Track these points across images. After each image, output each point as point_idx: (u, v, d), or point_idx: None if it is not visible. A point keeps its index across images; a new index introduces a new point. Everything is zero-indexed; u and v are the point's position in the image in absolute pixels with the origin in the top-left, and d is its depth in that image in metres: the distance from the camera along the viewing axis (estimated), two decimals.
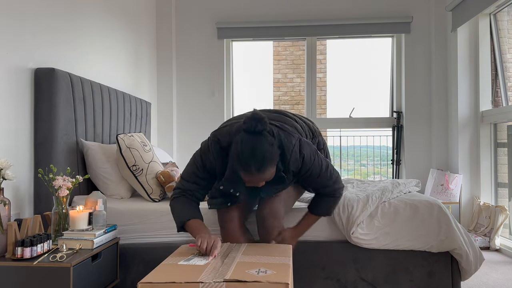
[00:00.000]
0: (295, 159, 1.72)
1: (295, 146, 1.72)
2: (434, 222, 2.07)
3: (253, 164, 1.54)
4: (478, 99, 3.85)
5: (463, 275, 2.11)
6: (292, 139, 1.73)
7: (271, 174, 1.62)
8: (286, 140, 1.71)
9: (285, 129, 1.78)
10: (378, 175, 6.29)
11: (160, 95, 4.33)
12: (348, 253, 2.09)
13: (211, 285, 1.21)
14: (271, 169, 1.60)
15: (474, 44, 3.87)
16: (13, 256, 1.64)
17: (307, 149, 1.76)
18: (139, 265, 2.13)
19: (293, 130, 1.82)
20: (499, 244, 3.41)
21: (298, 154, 1.72)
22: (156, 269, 1.34)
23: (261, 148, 1.55)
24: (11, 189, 2.03)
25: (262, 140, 1.56)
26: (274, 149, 1.59)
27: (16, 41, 2.09)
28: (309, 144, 1.78)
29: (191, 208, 1.74)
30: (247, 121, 1.58)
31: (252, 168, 1.54)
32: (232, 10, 4.37)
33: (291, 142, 1.71)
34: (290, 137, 1.74)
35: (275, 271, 1.31)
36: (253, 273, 1.28)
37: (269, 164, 1.56)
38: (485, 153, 3.81)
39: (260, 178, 1.59)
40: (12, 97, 2.06)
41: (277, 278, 1.24)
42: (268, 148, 1.56)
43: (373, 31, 4.26)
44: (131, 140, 2.46)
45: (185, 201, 1.75)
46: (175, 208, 1.75)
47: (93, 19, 2.92)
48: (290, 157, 1.70)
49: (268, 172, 1.58)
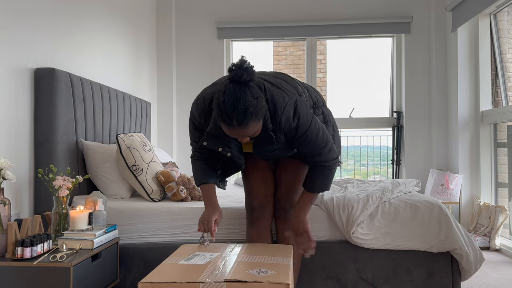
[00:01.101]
0: (287, 118, 1.58)
1: (288, 104, 1.59)
2: (434, 222, 2.07)
3: (235, 117, 1.42)
4: (478, 99, 3.85)
5: (463, 275, 2.11)
6: (286, 97, 1.60)
7: (255, 130, 1.50)
8: (278, 97, 1.59)
9: (279, 87, 1.65)
10: (378, 175, 6.29)
11: (160, 95, 4.33)
12: (348, 253, 2.09)
13: (212, 285, 1.21)
14: (255, 125, 1.47)
15: (474, 44, 3.87)
16: (13, 256, 1.64)
17: (304, 110, 1.62)
18: (139, 265, 2.13)
19: (291, 89, 1.68)
20: (499, 244, 3.41)
21: (292, 114, 1.59)
22: (156, 269, 1.34)
23: (245, 100, 1.43)
24: (11, 189, 2.03)
25: (246, 92, 1.44)
26: (260, 104, 1.47)
27: (16, 41, 2.09)
28: (306, 105, 1.65)
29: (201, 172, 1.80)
30: (232, 69, 1.46)
31: (234, 121, 1.43)
32: (232, 10, 4.37)
33: (283, 99, 1.59)
34: (283, 94, 1.61)
35: (275, 271, 1.30)
36: (253, 273, 1.28)
37: (252, 118, 1.44)
38: (485, 153, 3.81)
39: (242, 133, 1.48)
40: (12, 97, 2.06)
41: (278, 279, 1.24)
42: (252, 101, 1.44)
43: (373, 31, 4.26)
44: (131, 140, 2.46)
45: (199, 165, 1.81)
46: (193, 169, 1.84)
47: (93, 19, 2.92)
48: (281, 116, 1.57)
49: (251, 127, 1.46)
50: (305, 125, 1.61)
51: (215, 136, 1.66)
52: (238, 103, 1.42)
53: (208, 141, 1.67)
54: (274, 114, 1.57)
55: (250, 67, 1.47)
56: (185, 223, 2.15)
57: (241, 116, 1.42)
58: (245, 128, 1.46)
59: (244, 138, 1.55)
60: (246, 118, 1.43)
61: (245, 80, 1.45)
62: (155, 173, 2.45)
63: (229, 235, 2.12)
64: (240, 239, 2.12)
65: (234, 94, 1.43)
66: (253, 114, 1.44)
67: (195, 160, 1.83)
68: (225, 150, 1.69)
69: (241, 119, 1.43)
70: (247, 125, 1.44)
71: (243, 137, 1.51)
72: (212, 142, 1.67)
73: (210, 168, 1.82)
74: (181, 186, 2.39)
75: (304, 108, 1.62)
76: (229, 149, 1.69)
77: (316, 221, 2.11)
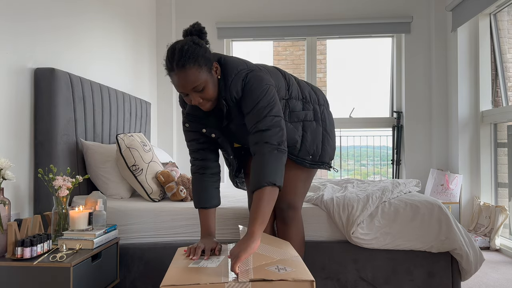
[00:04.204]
0: (236, 86, 1.56)
1: (241, 72, 1.58)
2: (434, 222, 2.07)
3: (175, 59, 1.46)
4: (478, 99, 3.85)
5: (463, 275, 2.11)
6: (241, 66, 1.60)
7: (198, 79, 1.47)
8: (232, 65, 1.59)
9: (243, 59, 1.66)
10: (378, 175, 6.29)
11: (160, 95, 4.33)
12: (348, 253, 2.09)
13: (237, 285, 1.18)
14: (195, 70, 1.46)
15: (474, 44, 3.87)
16: (13, 256, 1.64)
17: (255, 77, 1.57)
18: (139, 265, 2.13)
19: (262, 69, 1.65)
20: (499, 244, 3.41)
21: (241, 80, 1.57)
22: (169, 272, 1.29)
23: (183, 42, 1.49)
24: (11, 189, 2.03)
25: (187, 39, 1.52)
26: (200, 50, 1.49)
27: (16, 41, 2.09)
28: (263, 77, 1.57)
29: (200, 191, 1.70)
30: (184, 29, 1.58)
31: (174, 64, 1.46)
32: (232, 10, 4.36)
33: (237, 67, 1.58)
34: (241, 65, 1.61)
35: (293, 268, 1.29)
36: (274, 271, 1.26)
37: (190, 61, 1.45)
38: (485, 153, 3.81)
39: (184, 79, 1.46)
40: (12, 97, 2.06)
41: (301, 275, 1.22)
42: (191, 44, 1.48)
43: (373, 31, 4.26)
44: (131, 140, 2.46)
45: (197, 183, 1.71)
46: (192, 187, 1.76)
47: (93, 19, 2.92)
48: (231, 82, 1.56)
49: (191, 71, 1.45)
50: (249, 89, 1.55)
51: (195, 116, 1.67)
52: (176, 44, 1.49)
53: (189, 123, 1.68)
54: (226, 81, 1.57)
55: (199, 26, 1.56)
56: (185, 223, 2.15)
57: (178, 55, 1.45)
58: (183, 72, 1.45)
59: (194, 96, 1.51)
60: (183, 57, 1.44)
61: (190, 32, 1.55)
62: (155, 173, 2.45)
63: (229, 235, 2.12)
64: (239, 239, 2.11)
65: (176, 41, 1.52)
66: (191, 55, 1.45)
67: (194, 173, 1.74)
68: (208, 131, 1.68)
69: (178, 58, 1.45)
70: (185, 66, 1.45)
71: (187, 87, 1.48)
72: (193, 124, 1.68)
73: (210, 185, 1.72)
74: (181, 186, 2.39)
75: (256, 77, 1.56)
76: (210, 129, 1.68)
77: (316, 221, 2.11)
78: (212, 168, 1.73)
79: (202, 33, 1.56)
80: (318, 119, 1.84)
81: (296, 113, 1.77)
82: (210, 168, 1.73)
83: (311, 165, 1.82)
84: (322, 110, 1.88)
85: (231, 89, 1.56)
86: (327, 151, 1.85)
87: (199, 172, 1.72)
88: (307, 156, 1.80)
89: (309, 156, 1.80)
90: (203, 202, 1.69)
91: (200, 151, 1.72)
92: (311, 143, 1.80)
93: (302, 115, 1.79)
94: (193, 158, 1.74)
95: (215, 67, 1.55)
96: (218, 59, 1.61)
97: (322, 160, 1.84)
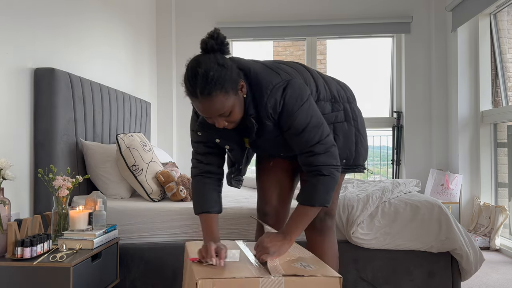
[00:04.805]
0: (275, 101, 1.40)
1: (277, 86, 1.41)
2: (434, 222, 2.07)
3: (197, 84, 1.28)
4: (478, 99, 3.85)
5: (463, 275, 2.11)
6: (276, 79, 1.43)
7: (224, 106, 1.32)
8: (265, 78, 1.42)
9: (274, 69, 1.48)
10: (378, 175, 6.29)
11: (160, 95, 4.33)
12: (348, 253, 2.09)
13: (271, 280, 1.19)
14: (222, 98, 1.31)
15: (474, 44, 3.86)
16: (13, 256, 1.64)
17: (295, 91, 1.42)
18: (139, 265, 2.13)
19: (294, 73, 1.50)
20: (499, 244, 3.41)
21: (280, 95, 1.41)
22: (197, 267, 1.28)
23: (206, 64, 1.30)
24: (11, 189, 2.03)
25: (210, 58, 1.32)
26: (227, 74, 1.31)
27: (15, 41, 2.09)
28: (302, 88, 1.45)
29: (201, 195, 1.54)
30: (202, 39, 1.36)
31: (197, 90, 1.29)
32: (232, 10, 4.36)
33: (271, 81, 1.41)
34: (274, 76, 1.44)
35: (316, 266, 1.31)
36: (301, 267, 1.28)
37: (216, 87, 1.28)
38: (485, 153, 3.81)
39: (209, 108, 1.31)
40: (12, 97, 2.06)
41: (328, 272, 1.25)
42: (215, 67, 1.30)
43: (373, 31, 4.26)
44: (131, 140, 2.46)
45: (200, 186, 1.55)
46: (192, 191, 1.59)
47: (93, 19, 2.92)
48: (266, 99, 1.40)
49: (217, 99, 1.30)
50: (291, 106, 1.41)
51: (210, 127, 1.49)
52: (199, 67, 1.29)
53: (203, 132, 1.52)
54: (259, 98, 1.41)
55: (221, 37, 1.35)
56: (185, 223, 2.15)
57: (203, 81, 1.28)
58: (209, 100, 1.29)
59: (219, 120, 1.37)
60: (208, 84, 1.27)
61: (211, 47, 1.34)
62: (155, 173, 2.45)
63: (230, 235, 2.12)
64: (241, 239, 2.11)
65: (196, 60, 1.33)
66: (217, 82, 1.28)
67: (196, 176, 1.58)
68: (222, 142, 1.53)
69: (203, 86, 1.28)
70: (211, 95, 1.28)
71: (213, 114, 1.34)
72: (207, 134, 1.51)
73: (212, 188, 1.57)
74: (181, 186, 2.39)
75: (296, 90, 1.43)
76: (225, 140, 1.53)
77: None
78: (217, 173, 1.59)
79: (224, 45, 1.37)
80: (349, 119, 1.67)
81: (325, 115, 1.59)
82: (215, 173, 1.58)
83: (345, 169, 1.66)
84: (352, 108, 1.71)
85: (266, 107, 1.41)
86: (361, 153, 1.70)
87: (203, 175, 1.57)
88: (341, 161, 1.62)
89: (343, 161, 1.64)
90: (206, 207, 1.53)
91: (207, 155, 1.57)
92: (343, 147, 1.63)
93: (332, 117, 1.62)
94: (197, 160, 1.58)
95: (240, 86, 1.38)
96: (245, 72, 1.44)
97: (356, 163, 1.68)
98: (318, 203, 1.43)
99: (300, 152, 1.46)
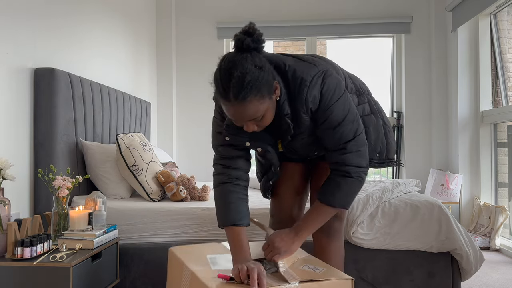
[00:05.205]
0: (315, 94, 1.31)
1: (316, 76, 1.31)
2: (434, 222, 2.07)
3: (231, 87, 1.18)
4: (478, 99, 3.85)
5: (463, 275, 2.11)
6: (313, 69, 1.32)
7: (259, 111, 1.23)
8: (302, 71, 1.31)
9: (308, 60, 1.37)
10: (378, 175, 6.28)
11: (160, 95, 4.33)
12: (348, 253, 2.09)
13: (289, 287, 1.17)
14: (257, 103, 1.21)
15: (474, 44, 3.86)
16: (13, 256, 1.64)
17: (333, 80, 1.33)
18: (139, 265, 2.13)
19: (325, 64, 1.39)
20: (499, 244, 3.41)
21: (319, 87, 1.31)
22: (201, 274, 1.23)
23: (243, 66, 1.19)
24: (11, 189, 2.03)
25: (246, 58, 1.21)
26: (264, 77, 1.21)
27: (15, 41, 2.09)
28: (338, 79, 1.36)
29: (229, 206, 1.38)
30: (236, 36, 1.24)
31: (230, 93, 1.18)
32: (232, 10, 4.36)
33: (309, 73, 1.31)
34: (311, 67, 1.33)
35: (323, 267, 1.31)
36: (310, 270, 1.27)
37: (252, 92, 1.18)
38: (485, 153, 3.81)
39: (242, 113, 1.21)
40: (11, 97, 2.06)
41: (339, 275, 1.25)
42: (253, 69, 1.19)
43: (373, 31, 4.26)
44: (131, 140, 2.46)
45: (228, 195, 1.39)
46: (217, 200, 1.42)
47: (93, 19, 2.92)
48: (307, 92, 1.29)
49: (251, 104, 1.20)
50: (329, 98, 1.31)
51: (237, 129, 1.37)
52: (234, 69, 1.18)
53: (231, 136, 1.38)
54: (298, 93, 1.31)
55: (258, 34, 1.24)
56: (185, 223, 2.15)
57: (238, 85, 1.17)
58: (243, 105, 1.19)
59: (249, 125, 1.27)
60: (244, 89, 1.17)
61: (247, 46, 1.22)
62: (154, 173, 2.45)
63: None
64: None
65: (231, 61, 1.21)
66: (253, 86, 1.18)
67: (223, 183, 1.41)
68: (253, 144, 1.40)
69: (237, 90, 1.17)
70: (245, 99, 1.18)
71: (244, 119, 1.24)
72: (235, 137, 1.38)
73: (241, 197, 1.41)
74: (180, 186, 2.39)
75: (334, 80, 1.33)
76: (256, 142, 1.40)
77: None
78: (245, 180, 1.45)
79: (261, 43, 1.26)
80: (375, 111, 1.60)
81: None
82: (243, 179, 1.44)
83: (380, 164, 1.59)
84: (374, 100, 1.64)
85: (307, 101, 1.31)
86: (392, 145, 1.63)
87: (231, 182, 1.40)
88: (375, 155, 1.57)
89: (376, 155, 1.57)
90: (236, 219, 1.36)
91: (235, 158, 1.42)
92: (376, 139, 1.56)
93: (360, 110, 1.55)
94: (223, 166, 1.43)
95: (275, 88, 1.28)
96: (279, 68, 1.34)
97: (389, 156, 1.62)
98: (338, 204, 1.37)
99: (331, 149, 1.38)
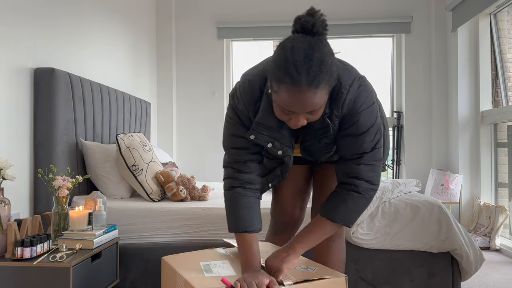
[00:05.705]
0: (352, 97, 1.23)
1: (355, 81, 1.24)
2: (434, 223, 2.07)
3: (305, 70, 1.05)
4: (478, 99, 3.85)
5: (463, 275, 2.11)
6: (352, 74, 1.26)
7: (322, 100, 1.12)
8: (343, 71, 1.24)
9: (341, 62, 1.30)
10: None
11: (160, 95, 4.33)
12: (348, 253, 2.08)
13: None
14: (325, 91, 1.11)
15: (474, 44, 3.86)
16: (13, 256, 1.64)
17: (367, 88, 1.27)
18: (139, 265, 2.13)
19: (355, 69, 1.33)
20: (499, 244, 3.41)
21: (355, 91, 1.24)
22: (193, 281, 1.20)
23: (321, 51, 1.08)
24: (11, 189, 2.03)
25: (322, 42, 1.11)
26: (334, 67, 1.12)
27: (15, 41, 2.09)
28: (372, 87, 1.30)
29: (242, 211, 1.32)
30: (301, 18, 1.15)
31: (303, 76, 1.06)
32: (232, 10, 4.36)
33: (349, 75, 1.24)
34: (349, 71, 1.26)
35: (315, 267, 1.32)
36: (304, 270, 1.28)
37: (325, 79, 1.08)
38: (485, 153, 3.81)
39: (307, 101, 1.09)
40: (11, 97, 2.06)
41: (332, 273, 1.26)
42: (329, 55, 1.10)
43: (373, 31, 4.26)
44: (131, 140, 2.46)
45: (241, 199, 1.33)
46: (228, 205, 1.37)
47: (93, 19, 2.92)
48: (346, 95, 1.22)
49: (321, 92, 1.09)
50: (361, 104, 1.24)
51: (266, 128, 1.28)
52: (313, 52, 1.07)
53: (256, 134, 1.29)
54: (337, 95, 1.23)
55: (323, 18, 1.15)
56: (185, 223, 2.15)
57: (316, 70, 1.06)
58: (313, 92, 1.07)
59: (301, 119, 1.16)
60: (320, 74, 1.06)
61: (317, 31, 1.13)
62: (154, 173, 2.45)
63: (227, 234, 2.12)
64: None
65: (308, 42, 1.09)
66: (327, 73, 1.08)
67: (236, 187, 1.35)
68: (276, 146, 1.32)
69: (314, 74, 1.06)
70: (318, 87, 1.07)
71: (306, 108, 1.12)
72: (261, 135, 1.29)
73: (253, 201, 1.36)
74: (180, 186, 2.39)
75: (368, 87, 1.28)
76: (280, 144, 1.32)
77: None
78: (258, 184, 1.39)
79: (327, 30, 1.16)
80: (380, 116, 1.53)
81: None
82: (256, 183, 1.38)
83: None
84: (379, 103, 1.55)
85: (343, 105, 1.23)
86: (386, 150, 1.56)
87: (243, 186, 1.35)
88: None
89: None
90: (248, 225, 1.30)
91: (249, 162, 1.36)
92: None
93: None
94: (235, 169, 1.36)
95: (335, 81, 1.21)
96: None
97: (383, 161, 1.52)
98: (341, 220, 1.29)
99: (347, 158, 1.31)
